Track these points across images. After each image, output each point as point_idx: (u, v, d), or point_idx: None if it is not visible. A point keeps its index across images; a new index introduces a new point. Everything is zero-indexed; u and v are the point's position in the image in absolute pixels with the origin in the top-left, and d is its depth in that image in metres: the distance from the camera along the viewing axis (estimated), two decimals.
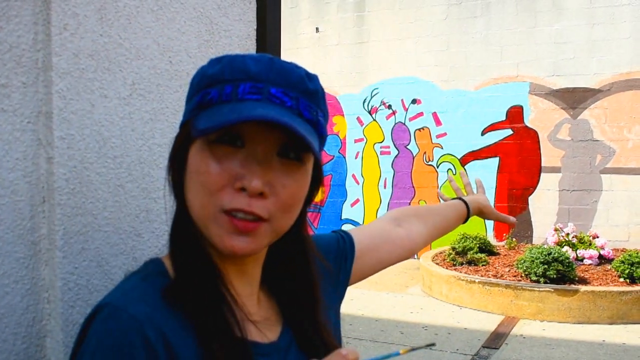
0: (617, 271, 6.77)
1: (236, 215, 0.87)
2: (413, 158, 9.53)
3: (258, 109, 0.84)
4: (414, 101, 9.46)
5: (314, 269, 1.06)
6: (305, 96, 0.90)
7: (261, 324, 0.98)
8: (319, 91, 0.93)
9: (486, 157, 9.04)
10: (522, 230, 8.89)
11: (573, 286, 6.47)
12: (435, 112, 9.33)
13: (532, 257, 6.76)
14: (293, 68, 0.91)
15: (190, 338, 0.86)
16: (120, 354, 0.80)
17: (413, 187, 9.52)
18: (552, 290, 6.45)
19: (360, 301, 6.97)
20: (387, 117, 9.67)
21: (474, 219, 1.75)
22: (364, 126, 9.84)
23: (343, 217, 9.92)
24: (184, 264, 0.92)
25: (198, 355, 0.86)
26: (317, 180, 0.99)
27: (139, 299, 0.86)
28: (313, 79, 0.92)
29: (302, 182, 0.92)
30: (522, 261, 6.89)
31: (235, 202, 0.86)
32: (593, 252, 7.29)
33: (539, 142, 8.74)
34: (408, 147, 9.56)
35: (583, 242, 7.60)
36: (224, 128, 0.85)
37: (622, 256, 6.90)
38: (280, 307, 1.04)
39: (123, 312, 0.83)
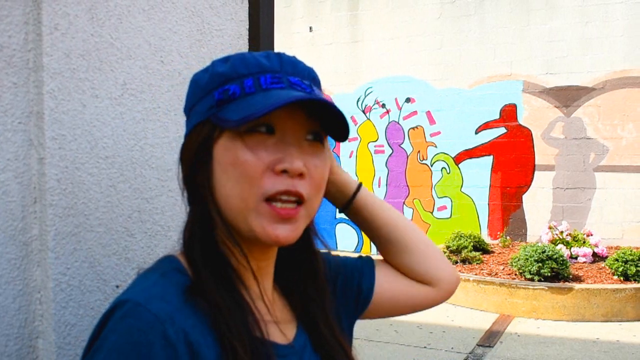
0: (611, 269, 6.79)
1: (277, 203, 0.88)
2: (407, 157, 9.54)
3: (293, 93, 0.87)
4: (407, 100, 9.47)
5: (319, 258, 1.07)
6: (315, 84, 0.96)
7: (279, 324, 0.98)
8: (319, 81, 0.98)
9: (480, 156, 9.05)
10: (517, 228, 8.91)
11: (567, 284, 6.49)
12: (429, 111, 9.34)
13: (527, 255, 6.77)
14: (298, 60, 0.95)
15: (210, 337, 0.85)
16: (138, 353, 0.79)
17: (407, 185, 9.53)
18: (547, 288, 6.46)
19: None
20: (381, 116, 9.68)
21: (469, 217, 1.67)
22: (357, 125, 9.84)
23: (338, 216, 9.92)
24: (202, 265, 0.91)
25: (219, 354, 0.85)
26: None
27: (160, 297, 0.85)
28: (313, 69, 0.97)
29: (327, 161, 0.96)
30: (517, 259, 6.91)
31: (279, 185, 0.88)
32: (587, 250, 7.31)
33: (532, 140, 8.76)
34: (402, 145, 9.56)
35: (577, 240, 7.62)
36: (263, 115, 0.85)
37: (616, 254, 6.92)
38: (292, 306, 1.05)
39: (144, 310, 0.82)
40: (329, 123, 0.93)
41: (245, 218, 0.89)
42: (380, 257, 1.23)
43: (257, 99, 0.87)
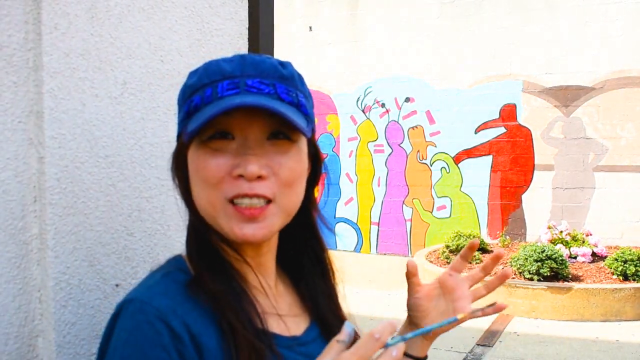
0: (611, 268, 6.79)
1: (241, 203, 0.91)
2: (407, 156, 9.54)
3: (236, 99, 0.90)
4: (407, 99, 9.47)
5: (322, 244, 1.10)
6: (281, 81, 0.95)
7: (284, 317, 1.01)
8: (295, 75, 0.98)
9: (479, 156, 9.05)
10: (516, 228, 8.91)
11: (566, 284, 6.49)
12: (428, 111, 9.33)
13: (526, 255, 6.77)
14: (265, 59, 0.97)
15: (212, 328, 0.90)
16: (150, 344, 0.84)
17: (407, 185, 9.53)
18: (546, 287, 6.46)
19: (354, 300, 6.95)
20: (381, 116, 9.67)
21: (469, 217, 1.66)
22: (357, 125, 9.84)
23: (337, 216, 9.93)
24: (202, 262, 0.96)
25: (220, 345, 0.89)
26: (315, 158, 1.04)
27: (162, 294, 0.90)
28: (286, 65, 0.98)
29: (298, 157, 0.97)
30: (516, 259, 6.91)
31: (237, 189, 0.91)
32: (586, 250, 7.31)
33: (532, 140, 8.76)
34: (401, 145, 9.56)
35: (576, 240, 7.62)
36: (208, 124, 0.90)
37: (615, 253, 6.92)
38: (303, 300, 1.08)
39: (148, 306, 0.87)
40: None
41: (217, 220, 0.94)
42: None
43: (209, 109, 0.91)
